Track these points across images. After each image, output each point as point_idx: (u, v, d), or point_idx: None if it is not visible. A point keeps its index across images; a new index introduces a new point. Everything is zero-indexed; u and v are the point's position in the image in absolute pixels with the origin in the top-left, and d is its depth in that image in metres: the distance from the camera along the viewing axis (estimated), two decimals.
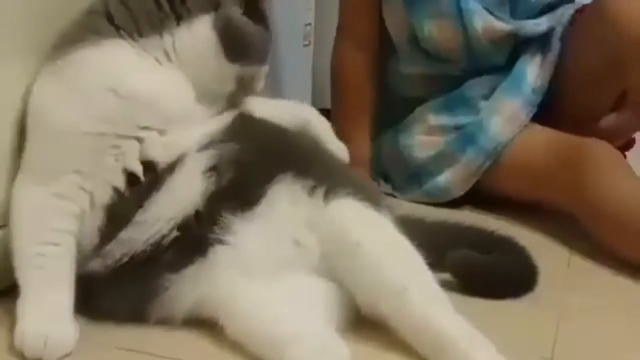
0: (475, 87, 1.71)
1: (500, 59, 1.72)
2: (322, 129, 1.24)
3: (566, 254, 1.47)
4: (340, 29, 1.81)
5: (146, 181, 1.05)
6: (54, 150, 1.04)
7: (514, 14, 1.69)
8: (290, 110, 1.22)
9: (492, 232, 1.31)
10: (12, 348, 0.99)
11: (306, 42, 2.21)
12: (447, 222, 1.34)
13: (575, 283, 1.34)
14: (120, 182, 1.05)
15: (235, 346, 1.01)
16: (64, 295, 1.03)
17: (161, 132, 1.06)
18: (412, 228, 1.12)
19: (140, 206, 1.05)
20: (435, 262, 1.08)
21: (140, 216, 1.05)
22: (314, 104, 2.26)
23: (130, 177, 1.05)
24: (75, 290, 1.04)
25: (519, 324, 1.16)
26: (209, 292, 1.05)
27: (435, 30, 1.69)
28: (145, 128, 1.05)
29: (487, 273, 1.24)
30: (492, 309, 1.19)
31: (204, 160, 1.06)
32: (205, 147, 1.07)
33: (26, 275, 1.02)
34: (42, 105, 1.05)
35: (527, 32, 1.68)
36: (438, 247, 1.16)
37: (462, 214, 1.67)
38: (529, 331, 1.14)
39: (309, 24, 2.21)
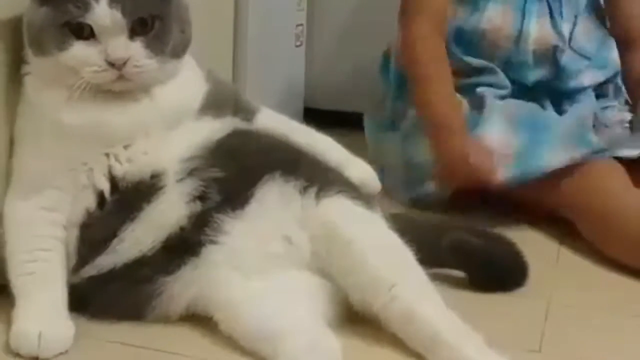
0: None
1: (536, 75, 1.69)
2: (341, 157, 1.23)
3: (555, 249, 1.48)
4: (416, 13, 1.66)
5: (117, 207, 1.07)
6: (35, 168, 1.07)
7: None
8: (306, 137, 1.22)
9: (482, 229, 1.33)
10: (8, 348, 1.01)
11: (298, 43, 2.22)
12: (436, 219, 1.36)
13: (564, 278, 1.36)
14: (91, 202, 1.07)
15: (229, 341, 1.03)
16: (57, 295, 1.05)
17: (126, 146, 1.08)
18: (403, 225, 1.14)
19: (115, 235, 1.07)
20: (426, 259, 1.09)
21: (117, 245, 1.07)
22: (306, 104, 2.29)
23: (100, 197, 1.08)
24: (70, 294, 1.06)
25: (507, 317, 1.18)
26: (203, 290, 1.07)
27: (494, 13, 1.65)
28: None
29: (481, 257, 1.26)
30: (482, 303, 1.21)
31: (187, 190, 1.08)
32: (187, 174, 1.08)
33: (19, 281, 1.05)
34: (16, 128, 1.09)
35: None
36: (429, 244, 1.18)
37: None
38: (518, 325, 1.16)
39: (301, 25, 2.22)
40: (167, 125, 1.10)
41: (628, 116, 1.71)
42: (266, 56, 1.97)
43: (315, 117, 2.12)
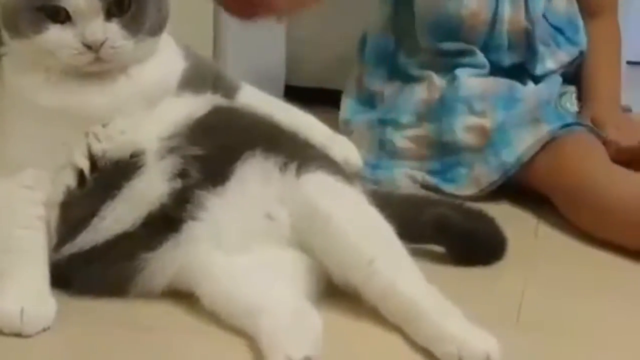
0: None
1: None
2: (323, 134, 1.24)
3: (534, 224, 1.50)
4: None
5: (98, 185, 1.08)
6: (14, 148, 1.08)
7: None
8: (287, 114, 1.22)
9: (461, 204, 1.35)
10: None
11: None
12: (417, 194, 1.38)
13: (542, 252, 1.38)
14: (71, 180, 1.08)
15: (211, 316, 1.04)
16: (38, 272, 1.06)
17: (104, 125, 1.08)
18: (383, 201, 1.15)
19: (96, 213, 1.07)
20: (406, 234, 1.10)
21: (98, 223, 1.07)
22: (287, 81, 2.29)
23: (80, 175, 1.08)
24: (52, 272, 1.07)
25: (486, 291, 1.20)
26: (185, 266, 1.07)
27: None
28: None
29: (461, 232, 1.27)
30: (461, 277, 1.23)
31: (167, 168, 1.08)
32: (167, 152, 1.08)
33: (0, 259, 1.05)
34: None
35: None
36: (409, 220, 1.19)
37: None
38: (496, 298, 1.18)
39: None
40: (146, 103, 1.10)
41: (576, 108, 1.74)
42: (247, 33, 1.96)
43: (296, 94, 2.12)
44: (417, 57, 1.74)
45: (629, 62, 2.26)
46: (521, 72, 1.72)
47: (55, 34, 1.02)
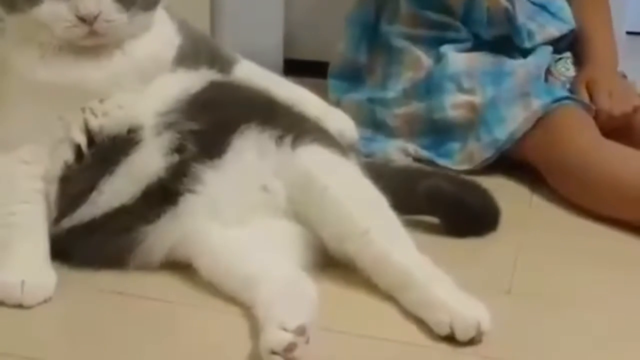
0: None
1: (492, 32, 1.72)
2: (319, 108, 1.25)
3: (528, 196, 1.51)
4: None
5: (95, 160, 1.09)
6: (12, 123, 1.09)
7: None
8: (283, 88, 1.23)
9: (455, 176, 1.36)
10: None
11: None
12: (411, 166, 1.39)
13: (535, 221, 1.39)
14: (69, 155, 1.09)
15: (209, 286, 1.07)
16: (38, 245, 1.08)
17: (101, 100, 1.09)
18: (377, 173, 1.17)
19: (94, 188, 1.09)
20: (400, 205, 1.12)
21: (96, 197, 1.09)
22: (286, 54, 2.30)
23: (78, 150, 1.09)
24: (51, 245, 1.09)
25: (478, 261, 1.22)
26: (182, 238, 1.09)
27: None
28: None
29: (455, 203, 1.28)
30: (453, 246, 1.25)
31: (164, 143, 1.09)
32: (164, 128, 1.10)
33: (0, 233, 1.07)
34: None
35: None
36: (403, 191, 1.21)
37: None
38: (488, 267, 1.20)
39: None
40: (142, 78, 1.11)
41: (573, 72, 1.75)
42: (244, 7, 1.97)
43: (295, 68, 2.14)
44: (398, 25, 1.74)
45: (628, 33, 2.26)
46: (509, 45, 1.72)
47: (49, 7, 1.03)
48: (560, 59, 1.76)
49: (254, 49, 1.97)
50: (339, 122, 1.25)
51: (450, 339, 0.97)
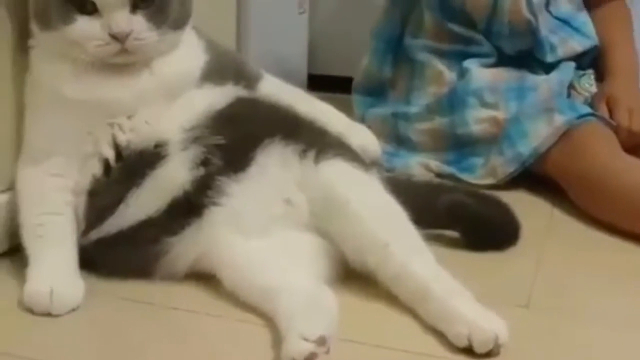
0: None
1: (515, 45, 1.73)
2: (342, 123, 1.27)
3: (549, 211, 1.52)
4: None
5: (123, 174, 1.11)
6: (42, 137, 1.13)
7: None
8: (307, 104, 1.26)
9: (476, 191, 1.37)
10: (22, 305, 1.06)
11: (301, 10, 2.24)
12: (432, 181, 1.40)
13: (555, 238, 1.40)
14: (97, 169, 1.12)
15: (232, 297, 1.09)
16: (67, 255, 1.11)
17: (129, 117, 1.12)
18: (399, 187, 1.18)
19: (121, 201, 1.11)
20: (421, 220, 1.13)
21: (123, 209, 1.11)
22: (310, 70, 2.32)
23: (106, 164, 1.12)
24: (80, 255, 1.11)
25: (498, 275, 1.23)
26: (207, 249, 1.12)
27: None
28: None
29: (476, 218, 1.30)
30: (473, 262, 1.26)
31: (190, 157, 1.12)
32: (190, 143, 1.12)
33: (30, 243, 1.11)
34: (25, 97, 1.15)
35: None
36: (424, 205, 1.22)
37: None
38: (507, 281, 1.21)
39: None
40: (169, 95, 1.13)
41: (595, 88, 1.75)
42: (269, 24, 1.99)
43: (319, 83, 2.16)
44: (422, 39, 1.76)
45: None
46: (531, 61, 1.73)
47: (82, 25, 1.06)
48: (583, 74, 1.76)
49: (279, 65, 2.01)
50: (362, 137, 1.27)
51: (469, 351, 0.97)
